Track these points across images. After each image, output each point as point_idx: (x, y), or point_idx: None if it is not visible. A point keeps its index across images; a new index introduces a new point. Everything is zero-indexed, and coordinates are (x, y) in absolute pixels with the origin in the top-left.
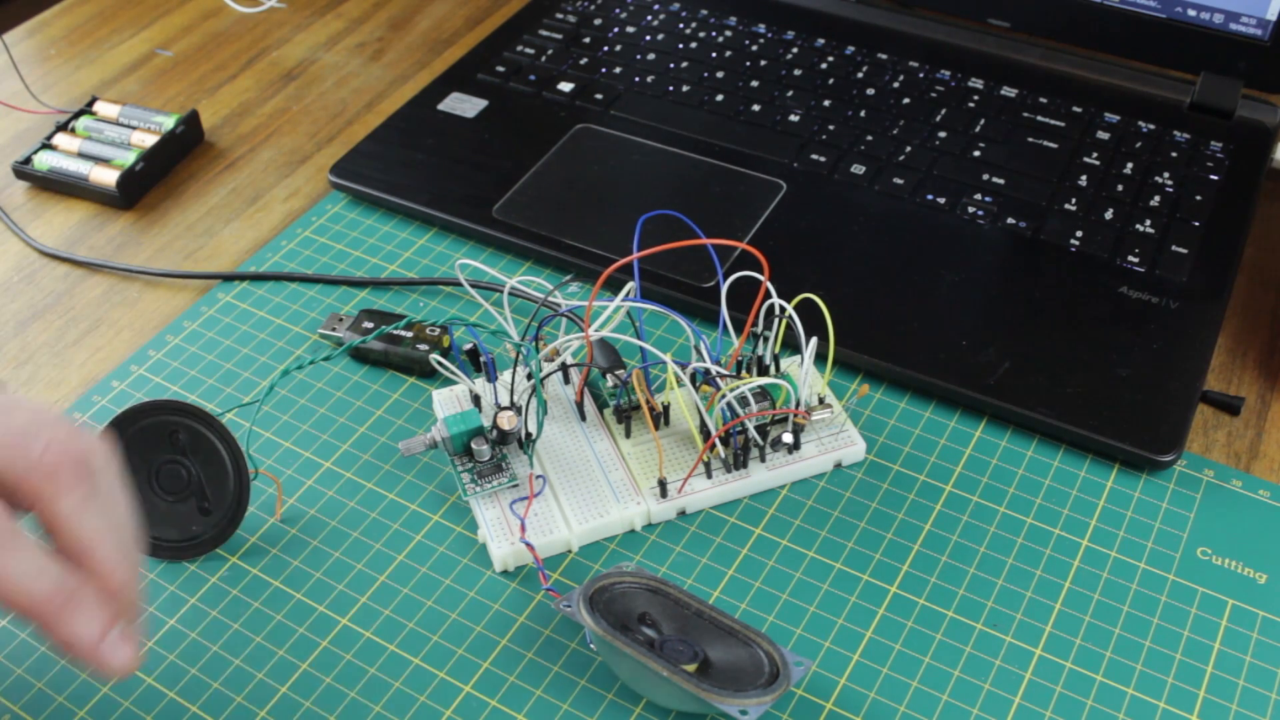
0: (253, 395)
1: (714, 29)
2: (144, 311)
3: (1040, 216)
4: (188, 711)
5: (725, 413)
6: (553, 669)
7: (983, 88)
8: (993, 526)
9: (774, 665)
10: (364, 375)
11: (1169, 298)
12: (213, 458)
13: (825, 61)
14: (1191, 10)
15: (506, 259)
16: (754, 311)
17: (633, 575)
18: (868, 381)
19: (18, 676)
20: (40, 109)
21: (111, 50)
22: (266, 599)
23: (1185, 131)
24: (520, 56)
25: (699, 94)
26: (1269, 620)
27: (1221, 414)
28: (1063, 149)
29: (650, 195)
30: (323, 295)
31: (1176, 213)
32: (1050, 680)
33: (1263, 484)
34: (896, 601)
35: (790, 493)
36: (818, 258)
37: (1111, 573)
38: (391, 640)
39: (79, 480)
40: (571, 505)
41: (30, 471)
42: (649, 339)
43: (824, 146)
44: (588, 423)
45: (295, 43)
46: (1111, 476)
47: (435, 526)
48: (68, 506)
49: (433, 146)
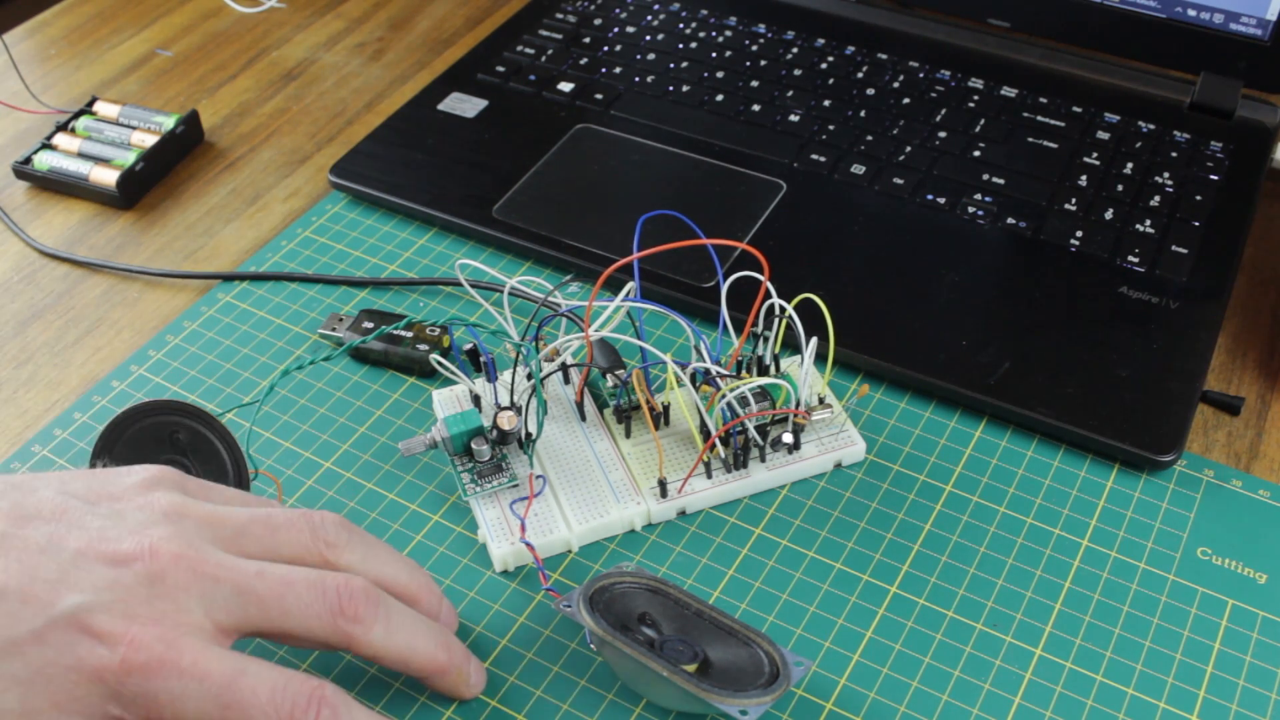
0: (253, 395)
1: (714, 29)
2: (144, 311)
3: (1040, 216)
4: None
5: (725, 413)
6: (553, 669)
7: (983, 88)
8: (993, 526)
9: (774, 665)
10: (364, 375)
11: (1169, 298)
12: (213, 458)
13: (825, 61)
14: (1191, 10)
15: (506, 259)
16: (754, 311)
17: (633, 575)
18: (868, 381)
19: None
20: (40, 109)
21: (111, 50)
22: None
23: (1185, 131)
24: (520, 56)
25: (699, 94)
26: (1269, 620)
27: (1221, 414)
28: (1063, 149)
29: (650, 195)
30: (323, 295)
31: (1176, 213)
32: (1050, 680)
33: (1263, 484)
34: (896, 601)
35: (790, 493)
36: (818, 258)
37: (1111, 573)
38: None
39: (374, 609)
40: (571, 505)
41: (335, 632)
42: (649, 339)
43: (824, 146)
44: (588, 423)
45: (295, 43)
46: (1111, 476)
47: (435, 526)
48: (380, 636)
49: (433, 146)
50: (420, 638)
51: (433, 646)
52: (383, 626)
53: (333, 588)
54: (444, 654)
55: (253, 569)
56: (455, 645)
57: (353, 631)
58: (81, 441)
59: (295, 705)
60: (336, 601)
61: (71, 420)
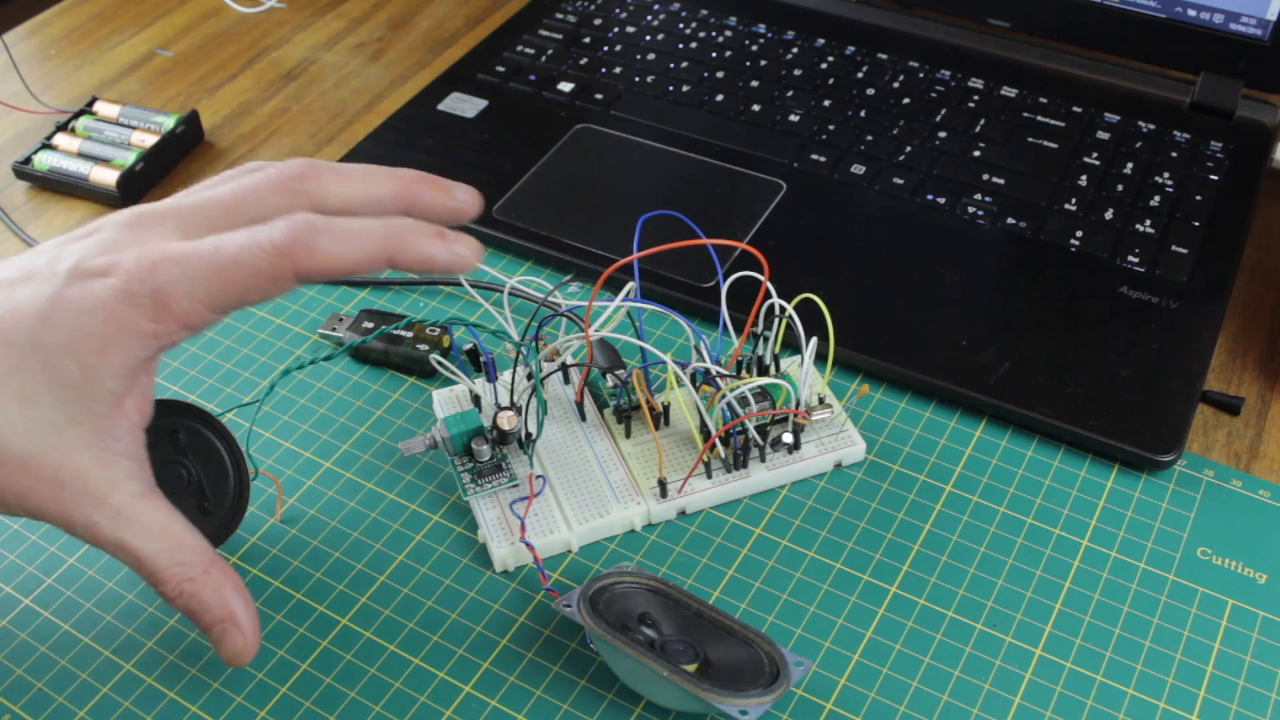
0: (253, 395)
1: (714, 29)
2: None
3: (1040, 216)
4: (188, 711)
5: (725, 413)
6: (553, 669)
7: (983, 88)
8: (993, 526)
9: (774, 665)
10: (364, 375)
11: (1169, 298)
12: (213, 458)
13: (825, 61)
14: (1191, 10)
15: (506, 259)
16: (754, 311)
17: (633, 575)
18: (868, 381)
19: (18, 676)
20: (40, 109)
21: (111, 50)
22: (266, 599)
23: (1185, 131)
24: (520, 56)
25: (699, 94)
26: (1269, 620)
27: (1221, 414)
28: (1063, 149)
29: (650, 195)
30: (323, 295)
31: (1176, 213)
32: (1050, 680)
33: (1263, 484)
34: (896, 601)
35: (790, 493)
36: (818, 258)
37: (1111, 573)
38: (391, 640)
39: (317, 169)
40: (571, 505)
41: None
42: (649, 339)
43: (824, 146)
44: (588, 423)
45: (295, 43)
46: (1111, 476)
47: (435, 526)
48: (333, 184)
49: (433, 146)
50: (364, 235)
51: (376, 240)
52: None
53: (264, 236)
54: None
55: (208, 244)
56: (403, 224)
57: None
58: None
59: (275, 235)
60: (269, 243)
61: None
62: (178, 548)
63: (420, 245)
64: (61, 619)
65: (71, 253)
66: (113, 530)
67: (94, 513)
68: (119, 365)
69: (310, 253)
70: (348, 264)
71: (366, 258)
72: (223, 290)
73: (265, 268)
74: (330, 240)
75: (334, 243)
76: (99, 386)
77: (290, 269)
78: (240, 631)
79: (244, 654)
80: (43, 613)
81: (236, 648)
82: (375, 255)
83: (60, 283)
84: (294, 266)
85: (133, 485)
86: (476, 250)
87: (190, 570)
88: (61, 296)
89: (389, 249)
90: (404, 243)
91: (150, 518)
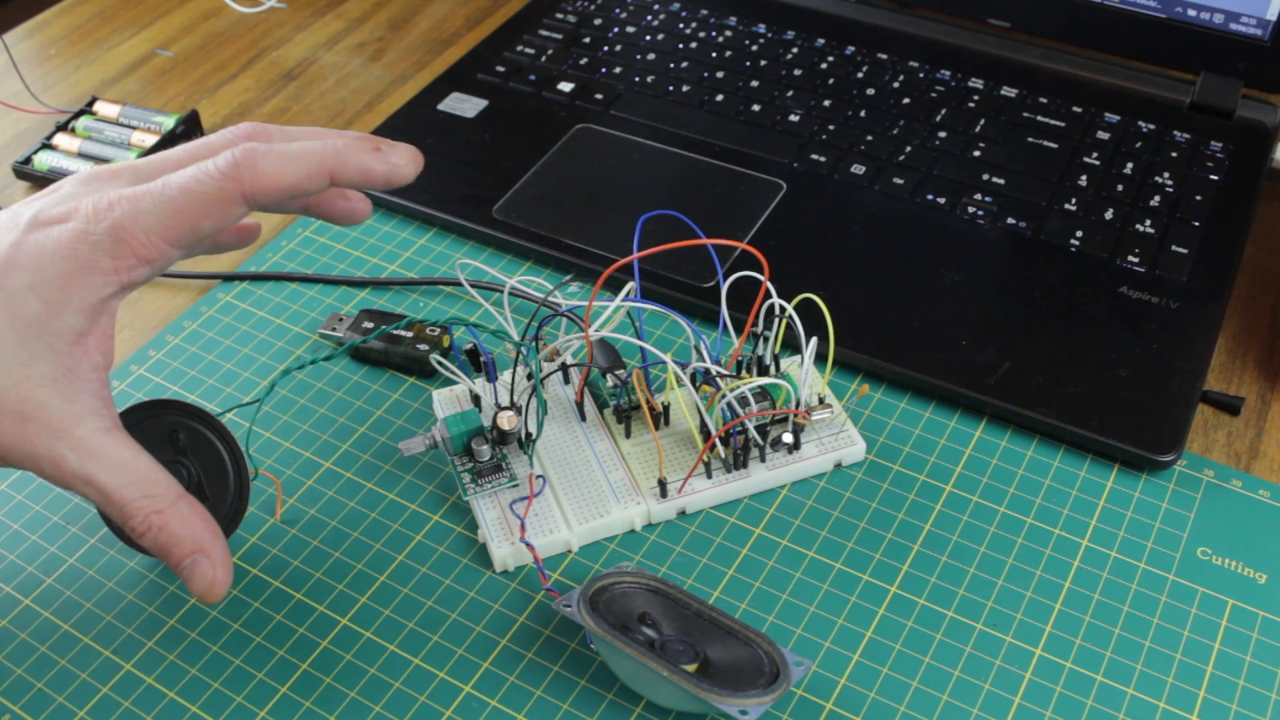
0: (253, 395)
1: (714, 29)
2: (144, 311)
3: (1040, 216)
4: (188, 711)
5: (725, 413)
6: (553, 669)
7: (983, 88)
8: (993, 526)
9: (774, 665)
10: (364, 375)
11: (1169, 298)
12: (213, 458)
13: (825, 61)
14: (1191, 10)
15: (506, 259)
16: (754, 311)
17: (633, 575)
18: (868, 381)
19: (18, 676)
20: (40, 109)
21: (111, 50)
22: (266, 599)
23: (1185, 131)
24: (520, 56)
25: (699, 94)
26: (1269, 620)
27: (1221, 414)
28: (1063, 149)
29: (650, 195)
30: (323, 295)
31: (1176, 213)
32: (1050, 680)
33: (1263, 484)
34: (896, 601)
35: (790, 493)
36: (818, 258)
37: (1111, 573)
38: (391, 640)
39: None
40: (571, 505)
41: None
42: (649, 339)
43: (824, 146)
44: (588, 423)
45: (295, 43)
46: (1111, 476)
47: (435, 526)
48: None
49: (433, 146)
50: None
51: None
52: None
53: (209, 164)
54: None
55: (158, 181)
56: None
57: (242, 174)
58: None
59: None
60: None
61: None
62: (144, 481)
63: (358, 159)
64: (61, 619)
65: (31, 207)
66: (79, 464)
67: (59, 445)
68: (80, 302)
69: (254, 173)
70: (291, 180)
71: (307, 173)
72: (176, 220)
73: (213, 192)
74: (270, 160)
75: (275, 162)
76: (61, 323)
77: (236, 190)
78: (211, 563)
79: (215, 586)
80: (43, 613)
81: (207, 580)
82: (316, 171)
83: (21, 232)
84: (239, 187)
85: (97, 421)
86: (412, 158)
87: (158, 503)
88: (23, 243)
89: (328, 163)
90: (342, 157)
91: (116, 452)
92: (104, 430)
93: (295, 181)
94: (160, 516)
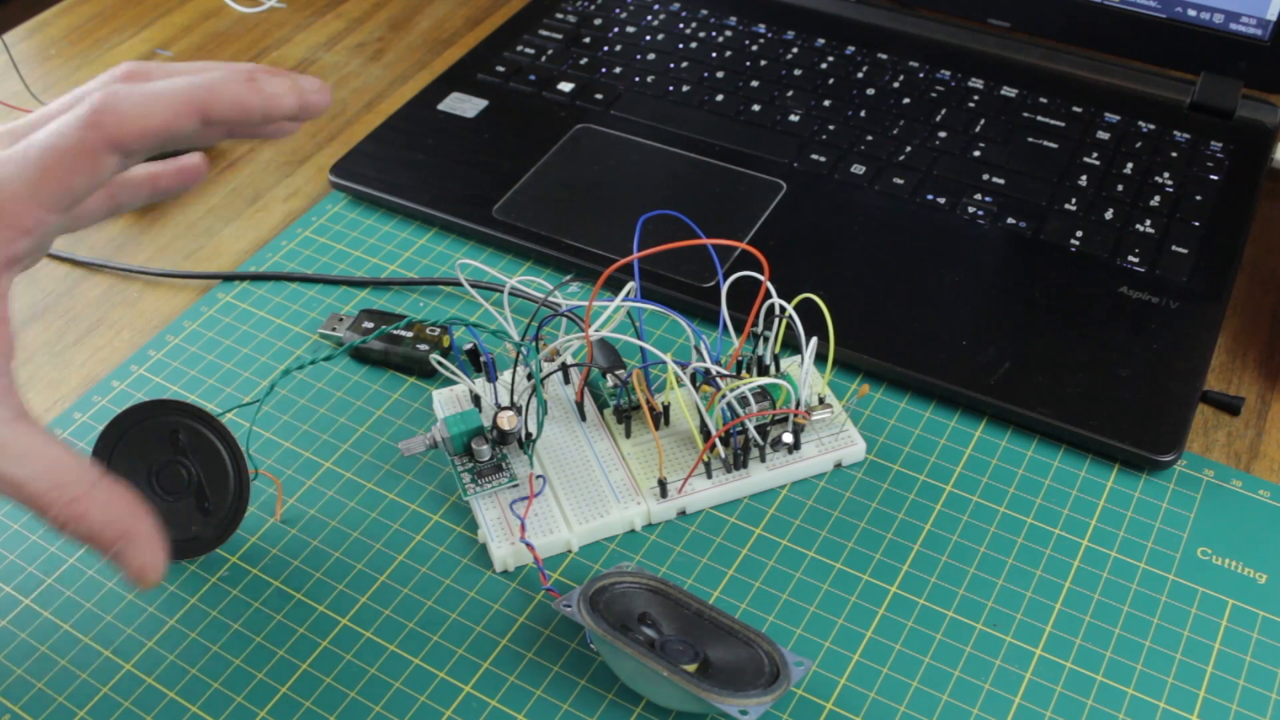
0: (253, 395)
1: (714, 29)
2: (144, 311)
3: (1040, 216)
4: (188, 711)
5: (725, 413)
6: (553, 669)
7: (983, 88)
8: (993, 526)
9: (774, 665)
10: (364, 375)
11: (1169, 298)
12: (213, 458)
13: (825, 61)
14: (1191, 10)
15: (506, 259)
16: (754, 311)
17: (633, 575)
18: (868, 381)
19: (18, 676)
20: None
21: (111, 50)
22: (266, 599)
23: (1185, 131)
24: (520, 56)
25: (699, 94)
26: (1269, 620)
27: (1221, 414)
28: (1063, 149)
29: (650, 195)
30: (323, 295)
31: (1176, 213)
32: (1050, 680)
33: (1263, 484)
34: (896, 601)
35: (790, 493)
36: (818, 258)
37: (1111, 573)
38: (391, 640)
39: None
40: (571, 505)
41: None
42: (649, 339)
43: (824, 146)
44: (588, 423)
45: (295, 43)
46: (1111, 476)
47: (435, 526)
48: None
49: (433, 146)
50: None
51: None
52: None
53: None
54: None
55: (21, 143)
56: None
57: (103, 121)
58: (82, 441)
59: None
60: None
61: (71, 420)
62: (55, 469)
63: (230, 92)
64: (61, 619)
65: None
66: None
67: None
68: None
69: (117, 118)
70: (157, 122)
71: (174, 112)
72: (44, 182)
73: (76, 145)
74: (133, 101)
75: (138, 104)
76: None
77: (101, 140)
78: (139, 547)
79: (149, 570)
80: (43, 613)
81: (139, 563)
82: (184, 108)
83: None
84: (104, 137)
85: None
86: (291, 87)
87: (72, 490)
88: None
89: (198, 98)
90: (213, 92)
91: (22, 442)
92: (7, 420)
93: (162, 123)
94: (77, 505)
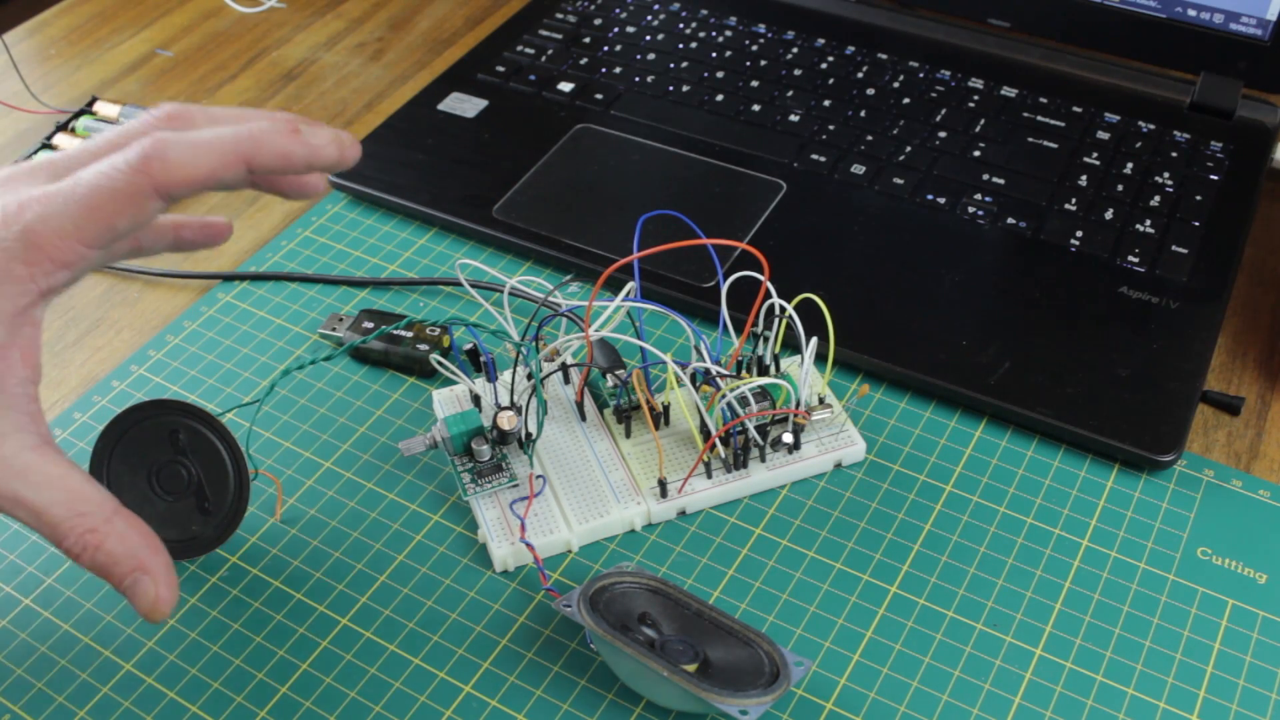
0: (253, 395)
1: (714, 29)
2: (144, 311)
3: (1040, 216)
4: (188, 711)
5: (725, 413)
6: (553, 669)
7: (983, 88)
8: (993, 526)
9: (774, 665)
10: (364, 375)
11: (1169, 298)
12: (213, 458)
13: (825, 61)
14: (1191, 10)
15: (506, 259)
16: (754, 311)
17: (633, 575)
18: (868, 381)
19: (18, 676)
20: (40, 109)
21: (111, 50)
22: (266, 599)
23: (1185, 131)
24: (520, 56)
25: (699, 94)
26: (1269, 620)
27: (1221, 414)
28: (1063, 149)
29: (650, 195)
30: (323, 295)
31: (1177, 213)
32: (1050, 680)
33: (1263, 484)
34: (896, 601)
35: (790, 493)
36: (818, 258)
37: (1111, 573)
38: (391, 640)
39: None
40: (571, 505)
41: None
42: (649, 339)
43: (824, 146)
44: (588, 423)
45: (295, 43)
46: (1111, 476)
47: (435, 526)
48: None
49: (433, 146)
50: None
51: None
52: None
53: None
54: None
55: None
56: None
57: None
58: (82, 441)
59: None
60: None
61: (71, 420)
62: (75, 499)
63: (275, 142)
64: (61, 619)
65: None
66: (5, 483)
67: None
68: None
69: (165, 165)
70: (204, 171)
71: (222, 162)
72: (89, 220)
73: (124, 188)
74: (182, 149)
75: (186, 151)
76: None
77: (148, 184)
78: (153, 580)
79: (159, 604)
80: (43, 613)
81: (150, 597)
82: (231, 158)
83: None
84: (151, 182)
85: (24, 438)
86: (333, 139)
87: (91, 520)
88: None
89: (244, 149)
90: (258, 143)
91: (45, 470)
92: (31, 448)
93: (209, 172)
94: (95, 535)
